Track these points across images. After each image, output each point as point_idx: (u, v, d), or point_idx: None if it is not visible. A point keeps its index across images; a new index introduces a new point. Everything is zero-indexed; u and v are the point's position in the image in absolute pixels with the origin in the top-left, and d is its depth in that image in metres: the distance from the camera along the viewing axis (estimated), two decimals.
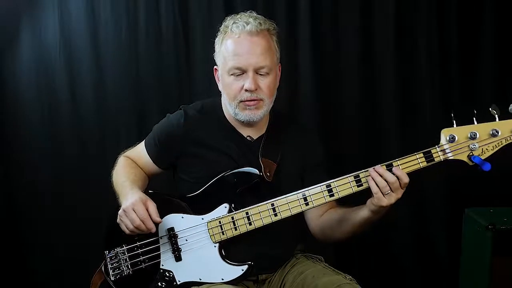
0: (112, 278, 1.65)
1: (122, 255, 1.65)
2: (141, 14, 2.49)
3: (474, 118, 1.52)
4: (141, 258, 1.64)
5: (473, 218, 2.13)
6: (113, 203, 2.33)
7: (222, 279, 1.59)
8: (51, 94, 2.53)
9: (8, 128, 2.55)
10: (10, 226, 2.58)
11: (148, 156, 1.81)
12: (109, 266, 1.65)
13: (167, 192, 1.77)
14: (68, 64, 2.51)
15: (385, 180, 1.47)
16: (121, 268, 1.65)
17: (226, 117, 1.75)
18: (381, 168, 1.49)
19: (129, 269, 1.64)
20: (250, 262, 1.60)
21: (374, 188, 1.47)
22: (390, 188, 1.47)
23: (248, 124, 1.70)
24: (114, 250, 1.66)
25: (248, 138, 1.73)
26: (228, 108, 1.69)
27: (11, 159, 2.56)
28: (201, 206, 1.65)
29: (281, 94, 2.44)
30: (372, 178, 1.48)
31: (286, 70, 2.48)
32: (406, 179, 1.48)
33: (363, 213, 1.55)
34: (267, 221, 1.57)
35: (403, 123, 2.52)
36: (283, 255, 1.77)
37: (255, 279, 1.70)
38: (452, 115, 1.53)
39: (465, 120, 1.54)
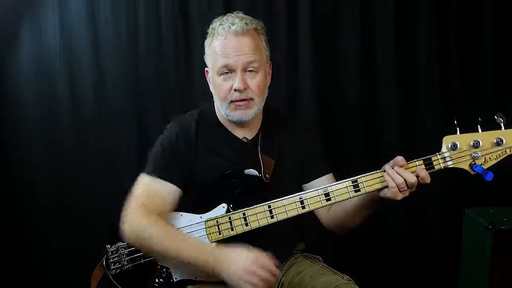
0: (112, 272, 1.66)
1: (123, 250, 1.66)
2: (141, 14, 2.49)
3: (479, 126, 1.48)
4: (141, 253, 1.64)
5: (473, 218, 2.14)
6: (113, 202, 2.34)
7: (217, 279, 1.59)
8: (51, 94, 2.53)
9: (8, 128, 2.55)
10: (10, 226, 2.58)
11: (165, 183, 1.63)
12: (110, 260, 1.67)
13: None
14: (68, 64, 2.51)
15: (404, 178, 1.45)
16: (121, 262, 1.66)
17: (220, 120, 1.74)
18: (400, 169, 1.46)
19: (129, 264, 1.65)
20: None
21: (391, 183, 1.46)
22: (407, 184, 1.45)
23: (241, 124, 1.69)
24: (116, 245, 1.67)
25: (243, 139, 1.72)
26: (220, 109, 1.69)
27: (11, 159, 2.56)
28: (200, 205, 1.65)
29: (281, 94, 2.47)
30: (389, 175, 1.46)
31: (286, 70, 2.49)
32: (428, 180, 1.46)
33: (376, 198, 1.54)
34: (263, 222, 1.57)
35: (403, 123, 2.53)
36: (282, 255, 1.76)
37: None
38: (455, 122, 1.50)
39: (466, 119, 1.52)
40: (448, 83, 2.51)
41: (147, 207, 1.59)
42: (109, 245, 1.68)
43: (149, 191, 1.63)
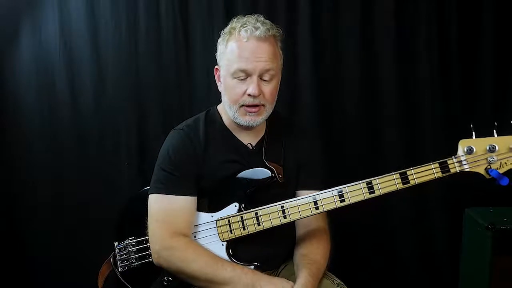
0: (120, 270, 1.67)
1: (131, 247, 1.67)
2: (141, 14, 2.49)
3: (494, 131, 1.49)
4: (149, 251, 1.64)
5: (473, 218, 2.14)
6: (113, 201, 2.34)
7: None
8: (51, 94, 2.53)
9: (8, 128, 2.54)
10: (9, 226, 2.58)
11: (182, 198, 1.60)
12: (118, 257, 1.68)
13: None
14: (68, 64, 2.51)
15: None
16: (129, 260, 1.67)
17: (225, 123, 1.72)
18: None
19: (137, 261, 1.66)
20: (256, 263, 1.60)
21: None
22: None
23: (247, 128, 1.67)
24: (124, 242, 1.68)
25: (248, 145, 1.71)
26: (228, 110, 1.65)
27: (11, 159, 2.56)
28: (211, 204, 1.65)
29: (281, 95, 2.45)
30: None
31: (286, 70, 2.46)
32: None
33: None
34: (276, 222, 1.57)
35: (403, 123, 2.53)
36: (287, 254, 1.77)
37: None
38: (471, 126, 1.50)
39: (466, 120, 1.52)
40: (448, 83, 2.51)
41: (173, 229, 1.57)
42: (117, 243, 1.69)
43: (168, 211, 1.59)
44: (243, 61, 1.56)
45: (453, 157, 1.51)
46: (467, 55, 2.50)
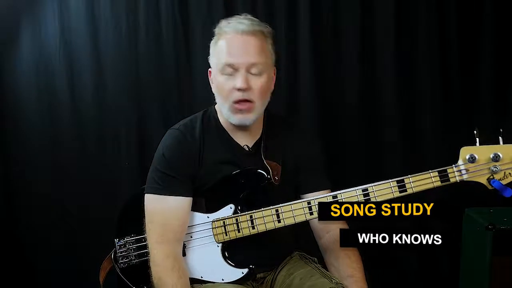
0: (120, 266, 1.68)
1: (130, 245, 1.68)
2: (141, 14, 2.49)
3: (500, 138, 1.40)
4: (147, 249, 1.64)
5: (473, 218, 2.13)
6: (113, 201, 2.34)
7: (222, 280, 1.60)
8: (51, 94, 2.53)
9: (8, 128, 2.55)
10: (9, 226, 2.58)
11: (177, 198, 1.59)
12: (118, 254, 1.68)
13: None
14: (68, 64, 2.51)
15: None
16: (129, 257, 1.68)
17: (222, 124, 1.70)
18: None
19: (136, 259, 1.67)
20: (251, 266, 1.60)
21: None
22: None
23: (242, 128, 1.65)
24: (124, 239, 1.69)
25: (245, 147, 1.69)
26: (222, 110, 1.64)
27: (11, 159, 2.56)
28: (208, 204, 1.64)
29: (281, 94, 2.47)
30: None
31: (286, 70, 2.49)
32: None
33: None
34: (270, 226, 1.56)
35: (403, 123, 2.53)
36: (283, 255, 1.78)
37: (253, 277, 1.70)
38: (475, 132, 1.43)
39: (466, 119, 1.49)
40: (448, 83, 2.51)
41: (163, 231, 1.57)
42: (117, 239, 1.69)
43: (162, 211, 1.59)
44: (229, 55, 1.56)
45: (453, 165, 1.46)
46: (467, 54, 2.49)
